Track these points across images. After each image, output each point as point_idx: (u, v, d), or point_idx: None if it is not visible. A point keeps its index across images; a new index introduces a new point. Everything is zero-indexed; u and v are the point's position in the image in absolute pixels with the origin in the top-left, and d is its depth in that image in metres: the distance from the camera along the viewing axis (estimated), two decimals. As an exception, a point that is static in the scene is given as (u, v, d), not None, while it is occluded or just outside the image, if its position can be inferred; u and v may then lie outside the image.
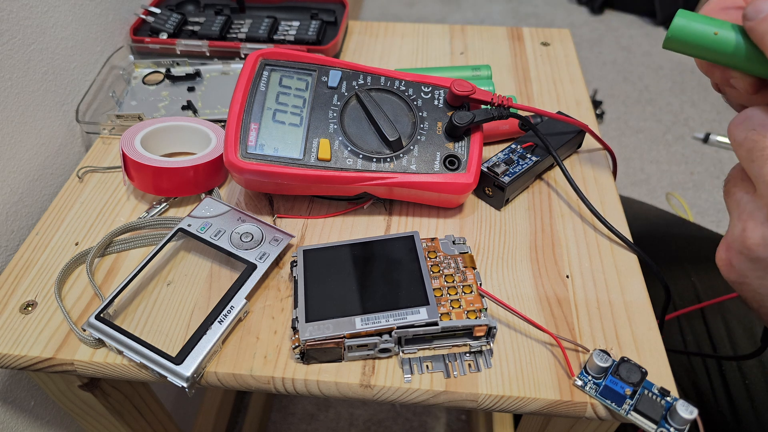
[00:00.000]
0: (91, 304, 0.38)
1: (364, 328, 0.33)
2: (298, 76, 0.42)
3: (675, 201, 1.37)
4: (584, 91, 0.56)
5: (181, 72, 0.57)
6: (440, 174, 0.41)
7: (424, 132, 0.42)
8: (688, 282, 0.56)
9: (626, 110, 1.66)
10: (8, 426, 0.46)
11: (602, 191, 0.46)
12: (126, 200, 0.46)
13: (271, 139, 0.40)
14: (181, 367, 0.33)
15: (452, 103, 0.43)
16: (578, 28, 1.96)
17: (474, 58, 0.61)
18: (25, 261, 0.41)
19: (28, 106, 0.48)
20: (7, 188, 0.46)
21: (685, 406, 0.31)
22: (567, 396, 0.33)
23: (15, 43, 0.46)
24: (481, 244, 0.42)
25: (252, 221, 0.41)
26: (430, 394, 0.34)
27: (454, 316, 0.34)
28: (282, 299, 0.38)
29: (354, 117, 0.42)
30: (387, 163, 0.41)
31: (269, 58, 0.42)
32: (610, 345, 0.35)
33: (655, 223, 0.63)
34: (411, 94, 0.43)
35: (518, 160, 0.44)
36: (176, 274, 0.39)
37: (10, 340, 0.36)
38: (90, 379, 0.42)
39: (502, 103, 0.42)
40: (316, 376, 0.34)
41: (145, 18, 0.62)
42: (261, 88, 0.41)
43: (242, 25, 0.61)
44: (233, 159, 0.39)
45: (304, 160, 0.40)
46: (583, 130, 0.47)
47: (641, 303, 0.38)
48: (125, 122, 0.50)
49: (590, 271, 0.40)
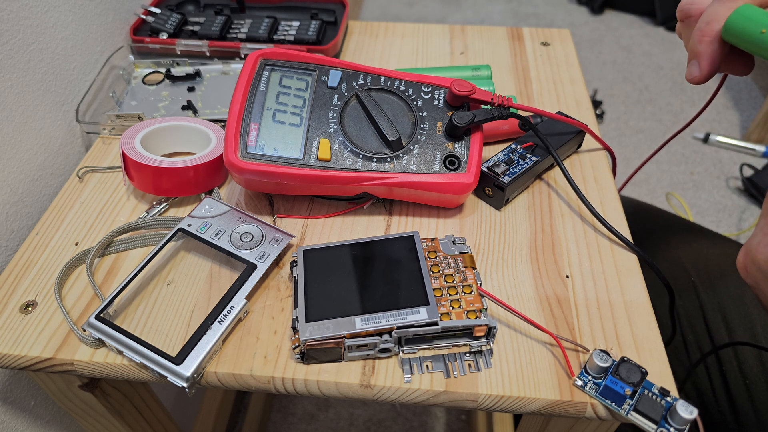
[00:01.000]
0: (91, 304, 0.38)
1: (364, 328, 0.33)
2: (298, 76, 0.42)
3: (675, 201, 1.37)
4: (584, 91, 0.56)
5: (181, 72, 0.57)
6: (440, 174, 0.41)
7: (424, 132, 0.42)
8: (688, 282, 0.55)
9: (626, 110, 1.66)
10: (8, 426, 0.46)
11: (602, 191, 0.46)
12: (126, 200, 0.46)
13: (271, 139, 0.40)
14: (181, 367, 0.33)
15: (452, 103, 0.43)
16: (578, 28, 1.96)
17: (474, 58, 0.61)
18: (25, 261, 0.41)
19: (28, 106, 0.48)
20: (7, 188, 0.46)
21: (685, 406, 0.31)
22: (567, 396, 0.33)
23: (15, 43, 0.46)
24: (481, 244, 0.42)
25: (252, 221, 0.41)
26: (430, 394, 0.34)
27: (454, 316, 0.34)
28: (282, 299, 0.38)
29: (354, 117, 0.42)
30: (387, 163, 0.41)
31: (269, 58, 0.42)
32: (610, 345, 0.35)
33: (655, 223, 0.63)
34: (411, 94, 0.43)
35: (518, 160, 0.44)
36: (176, 274, 0.39)
37: (10, 340, 0.36)
38: (90, 379, 0.42)
39: (502, 103, 0.42)
40: (316, 376, 0.34)
41: (145, 18, 0.62)
42: (261, 88, 0.41)
43: (242, 25, 0.61)
44: (233, 159, 0.39)
45: (304, 160, 0.40)
46: (583, 130, 0.47)
47: (641, 303, 0.38)
48: (125, 122, 0.50)
49: (590, 271, 0.40)
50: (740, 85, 1.76)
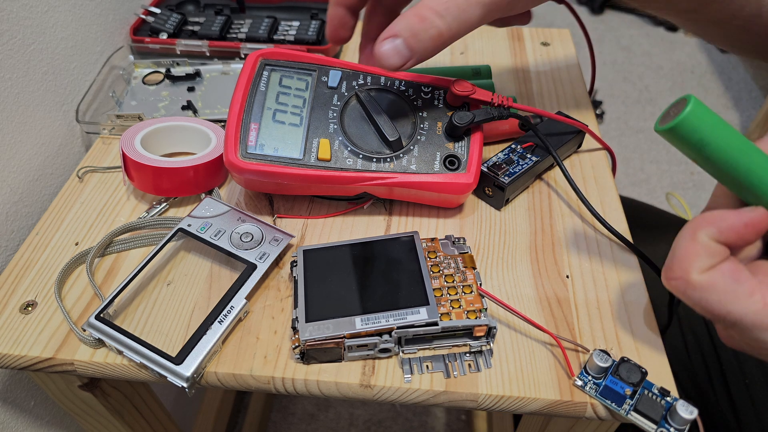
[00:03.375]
0: (91, 304, 0.38)
1: (364, 328, 0.33)
2: (298, 76, 0.42)
3: (675, 201, 1.37)
4: (584, 91, 0.56)
5: (181, 72, 0.57)
6: (440, 174, 0.41)
7: (424, 132, 0.42)
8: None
9: (626, 110, 1.66)
10: (8, 426, 0.46)
11: (602, 191, 0.46)
12: (126, 200, 0.46)
13: (271, 139, 0.40)
14: (181, 367, 0.33)
15: (452, 104, 0.43)
16: (578, 28, 1.96)
17: (474, 58, 0.61)
18: (25, 261, 0.41)
19: (28, 106, 0.48)
20: (7, 188, 0.46)
21: (685, 406, 0.31)
22: (567, 396, 0.33)
23: (15, 43, 0.46)
24: (481, 244, 0.42)
25: (252, 221, 0.41)
26: (430, 394, 0.34)
27: (454, 316, 0.34)
28: (282, 299, 0.38)
29: (354, 117, 0.42)
30: (387, 163, 0.41)
31: (269, 58, 0.42)
32: (610, 345, 0.35)
33: (655, 223, 0.63)
34: (411, 94, 0.43)
35: (518, 160, 0.44)
36: (176, 274, 0.39)
37: (10, 340, 0.36)
38: (90, 379, 0.42)
39: (502, 103, 0.42)
40: (316, 376, 0.34)
41: (145, 18, 0.62)
42: (261, 88, 0.41)
43: (242, 25, 0.61)
44: (233, 159, 0.39)
45: (304, 160, 0.40)
46: (583, 131, 0.47)
47: (641, 303, 0.38)
48: (125, 122, 0.50)
49: (590, 271, 0.40)
50: (740, 85, 1.76)
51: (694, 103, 0.27)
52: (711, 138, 0.27)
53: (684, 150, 0.29)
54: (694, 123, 0.27)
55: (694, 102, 0.27)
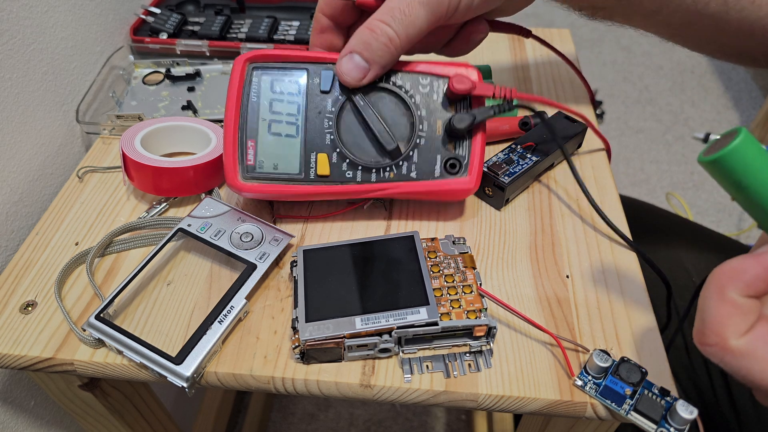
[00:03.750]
0: (91, 304, 0.38)
1: (364, 328, 0.33)
2: (290, 79, 0.41)
3: (675, 201, 1.37)
4: (584, 91, 0.56)
5: (181, 72, 0.57)
6: (441, 180, 0.40)
7: (423, 134, 0.41)
8: (688, 282, 0.55)
9: (626, 110, 1.66)
10: (8, 426, 0.46)
11: (602, 191, 0.46)
12: (126, 200, 0.46)
13: (269, 155, 0.40)
14: (181, 367, 0.33)
15: (453, 98, 0.41)
16: (578, 29, 1.96)
17: (474, 58, 0.61)
18: (25, 261, 0.41)
19: (28, 106, 0.48)
20: (7, 188, 0.46)
21: (685, 406, 0.31)
22: (567, 396, 0.33)
23: (15, 43, 0.46)
24: (481, 244, 0.42)
25: (252, 221, 0.41)
26: (430, 394, 0.34)
27: (454, 316, 0.34)
28: (282, 299, 0.38)
29: (350, 123, 0.41)
30: (387, 172, 0.40)
31: (256, 61, 0.41)
32: (610, 345, 0.35)
33: (655, 223, 0.63)
34: (408, 90, 0.41)
35: (518, 160, 0.44)
36: (176, 274, 0.39)
37: (10, 340, 0.36)
38: (90, 379, 0.42)
39: (505, 96, 0.40)
40: (316, 376, 0.34)
41: (145, 18, 0.62)
42: (253, 98, 0.40)
43: (242, 25, 0.61)
44: (235, 182, 0.39)
45: (304, 177, 0.40)
46: (583, 131, 0.47)
47: (641, 303, 0.38)
48: (125, 122, 0.50)
49: (590, 271, 0.40)
50: (740, 85, 1.76)
51: (744, 136, 0.24)
52: (755, 176, 0.24)
53: (729, 187, 0.26)
54: (740, 157, 0.24)
55: (744, 135, 0.24)
